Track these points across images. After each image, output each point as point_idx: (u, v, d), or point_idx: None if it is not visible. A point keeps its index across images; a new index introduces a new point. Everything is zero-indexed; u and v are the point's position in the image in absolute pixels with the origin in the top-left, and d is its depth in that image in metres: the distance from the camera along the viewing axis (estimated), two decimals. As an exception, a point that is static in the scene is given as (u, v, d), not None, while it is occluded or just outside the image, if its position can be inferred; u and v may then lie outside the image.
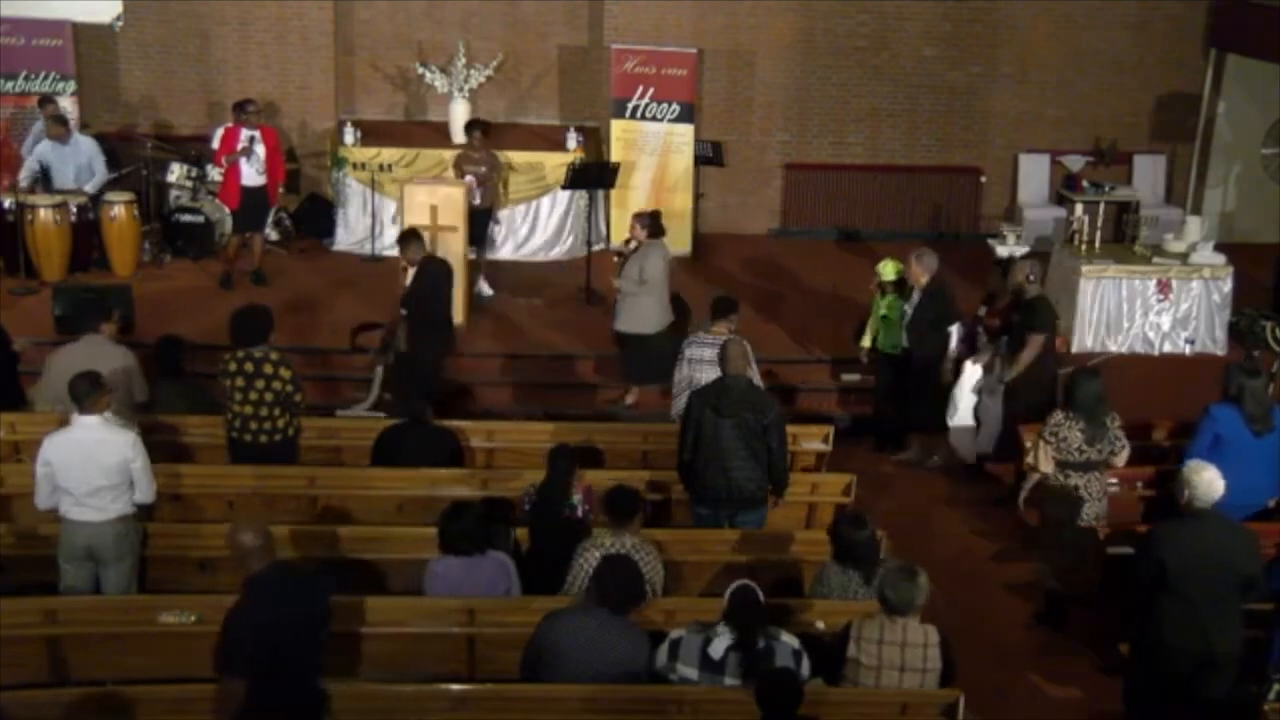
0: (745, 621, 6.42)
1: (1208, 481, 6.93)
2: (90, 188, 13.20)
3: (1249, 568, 6.93)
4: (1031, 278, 10.23)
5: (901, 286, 10.73)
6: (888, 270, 10.87)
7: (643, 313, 11.21)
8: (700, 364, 9.19)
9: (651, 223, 11.29)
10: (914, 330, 10.58)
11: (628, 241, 11.43)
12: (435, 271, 10.89)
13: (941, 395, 10.66)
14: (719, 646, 6.42)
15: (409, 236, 10.98)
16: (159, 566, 8.01)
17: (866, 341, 11.09)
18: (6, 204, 12.93)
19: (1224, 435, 8.30)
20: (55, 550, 7.68)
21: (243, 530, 6.22)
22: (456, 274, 11.80)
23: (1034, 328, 10.07)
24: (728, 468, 8.22)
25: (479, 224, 12.97)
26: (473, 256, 12.88)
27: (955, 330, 10.61)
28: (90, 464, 7.48)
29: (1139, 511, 9.22)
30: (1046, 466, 8.56)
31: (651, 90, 14.26)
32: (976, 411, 10.52)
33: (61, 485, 7.52)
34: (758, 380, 8.95)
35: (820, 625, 7.04)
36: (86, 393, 7.57)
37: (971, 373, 10.53)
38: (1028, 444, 9.32)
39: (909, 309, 10.59)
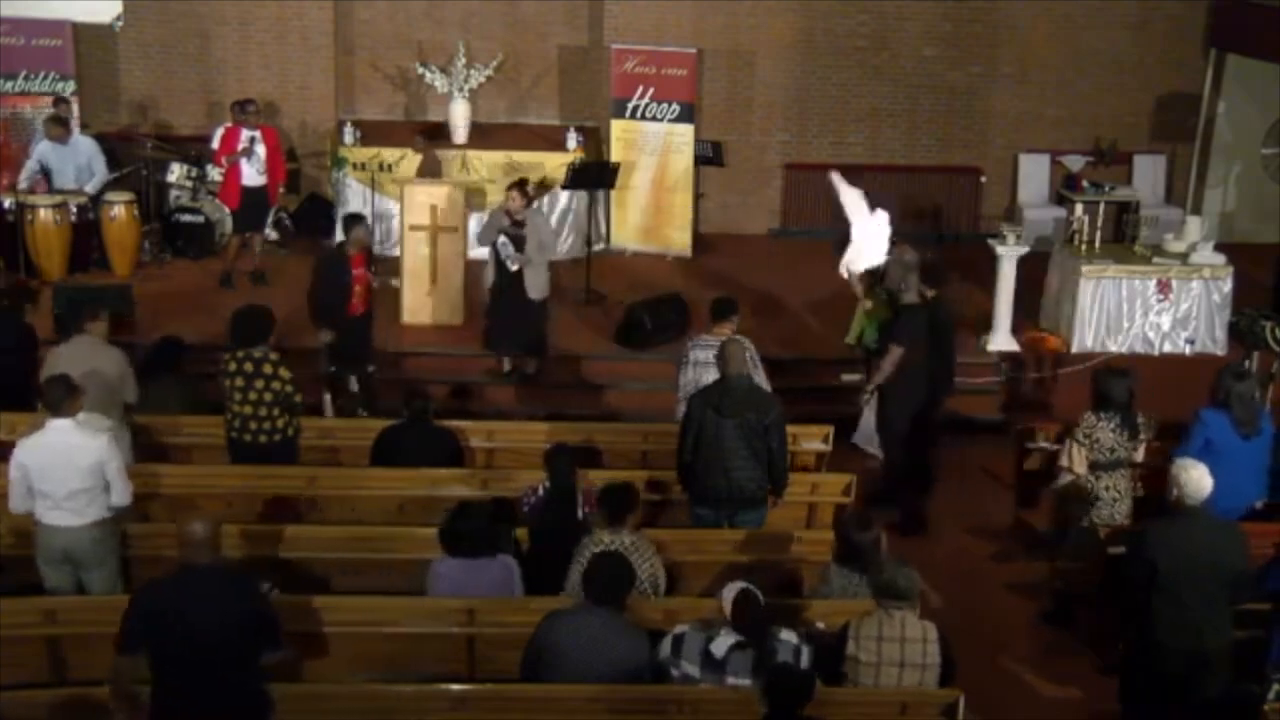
0: (749, 621, 6.40)
1: (1196, 479, 6.95)
2: (90, 188, 13.19)
3: (1239, 564, 6.95)
4: (904, 286, 9.87)
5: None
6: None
7: (539, 281, 11.41)
8: (705, 366, 9.14)
9: (534, 190, 11.68)
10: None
11: (510, 215, 11.28)
12: (320, 262, 11.09)
13: None
14: (721, 646, 6.40)
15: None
16: (154, 566, 7.93)
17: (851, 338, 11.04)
18: (6, 204, 12.92)
19: (1214, 439, 8.29)
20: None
21: (194, 520, 6.12)
22: (455, 274, 11.74)
23: (894, 339, 9.78)
24: (729, 468, 8.20)
25: None
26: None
27: None
28: (68, 467, 7.41)
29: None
30: (1080, 468, 8.40)
31: (651, 90, 14.25)
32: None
33: (38, 488, 7.44)
34: (763, 381, 8.94)
35: (820, 625, 7.03)
36: (60, 396, 7.49)
37: None
38: (1045, 443, 9.30)
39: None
